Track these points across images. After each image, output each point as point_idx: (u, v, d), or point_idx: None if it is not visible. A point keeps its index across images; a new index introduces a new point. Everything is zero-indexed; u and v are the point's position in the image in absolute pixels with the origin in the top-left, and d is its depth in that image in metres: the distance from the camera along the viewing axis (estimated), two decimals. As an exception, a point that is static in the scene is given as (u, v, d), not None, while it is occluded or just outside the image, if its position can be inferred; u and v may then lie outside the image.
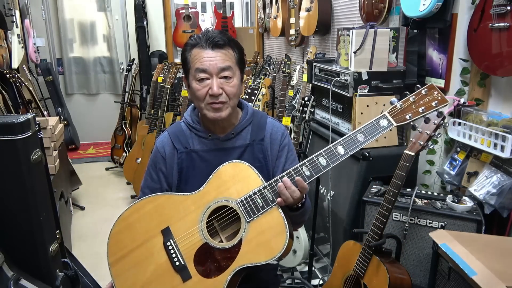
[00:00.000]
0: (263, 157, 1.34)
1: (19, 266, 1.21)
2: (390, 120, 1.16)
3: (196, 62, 1.23)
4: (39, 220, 1.23)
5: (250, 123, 1.36)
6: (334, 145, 1.14)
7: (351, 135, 1.14)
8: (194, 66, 1.23)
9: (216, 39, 1.22)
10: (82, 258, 1.94)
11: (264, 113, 1.44)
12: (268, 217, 1.14)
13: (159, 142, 1.39)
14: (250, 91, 2.55)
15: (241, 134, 1.35)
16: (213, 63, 1.21)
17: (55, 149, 2.72)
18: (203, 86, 1.23)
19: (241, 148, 1.33)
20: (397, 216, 1.80)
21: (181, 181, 1.35)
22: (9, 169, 1.16)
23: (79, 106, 5.44)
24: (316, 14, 3.14)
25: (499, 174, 1.67)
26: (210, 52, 1.22)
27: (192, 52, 1.25)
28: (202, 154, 1.33)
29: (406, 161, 1.47)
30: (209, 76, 1.22)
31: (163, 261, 1.19)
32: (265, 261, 1.12)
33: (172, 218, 1.23)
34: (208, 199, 1.21)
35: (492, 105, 1.84)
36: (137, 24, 4.80)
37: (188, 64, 1.26)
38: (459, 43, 1.93)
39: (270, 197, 1.15)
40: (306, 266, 2.47)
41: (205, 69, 1.21)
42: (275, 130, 1.38)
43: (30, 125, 1.18)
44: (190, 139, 1.35)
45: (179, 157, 1.34)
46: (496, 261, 1.29)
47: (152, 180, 1.39)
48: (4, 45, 3.58)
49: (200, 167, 1.33)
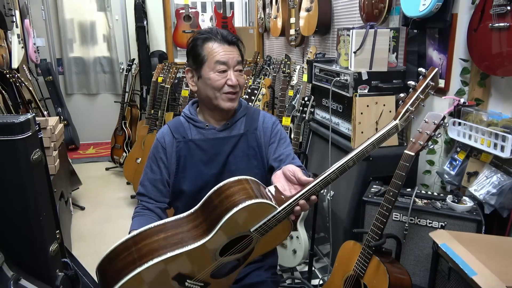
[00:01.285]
0: (257, 145, 1.43)
1: (19, 266, 1.22)
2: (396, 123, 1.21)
3: (216, 54, 1.32)
4: (39, 220, 1.23)
5: (244, 115, 1.46)
6: (347, 162, 1.12)
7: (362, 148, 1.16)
8: (214, 59, 1.32)
9: (230, 36, 1.35)
10: (82, 258, 1.95)
11: (257, 108, 1.54)
12: (278, 226, 1.12)
13: (159, 134, 1.47)
14: (250, 91, 2.55)
15: (236, 124, 1.44)
16: (231, 57, 1.34)
17: (55, 149, 2.72)
18: (223, 77, 1.33)
19: (236, 138, 1.42)
20: (397, 216, 1.80)
21: (179, 169, 1.41)
22: (9, 169, 1.16)
23: (79, 106, 5.44)
24: (316, 14, 3.14)
25: (499, 174, 1.67)
26: (227, 47, 1.34)
27: (208, 45, 1.34)
28: (199, 143, 1.41)
29: (406, 161, 1.47)
30: (227, 68, 1.33)
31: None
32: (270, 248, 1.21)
33: (183, 267, 1.10)
34: (222, 240, 1.10)
35: (492, 105, 1.84)
36: (137, 24, 4.80)
37: (203, 57, 1.34)
38: (459, 43, 1.93)
39: (283, 217, 1.10)
40: (306, 266, 2.47)
41: (226, 62, 1.32)
42: (266, 120, 1.48)
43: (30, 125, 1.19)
44: (188, 130, 1.43)
45: (178, 145, 1.41)
46: (496, 261, 1.29)
47: (152, 172, 1.44)
48: (4, 45, 3.58)
49: (197, 156, 1.40)
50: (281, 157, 1.41)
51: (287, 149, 1.44)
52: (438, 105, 2.11)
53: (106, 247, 1.09)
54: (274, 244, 1.23)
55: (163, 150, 1.43)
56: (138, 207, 1.44)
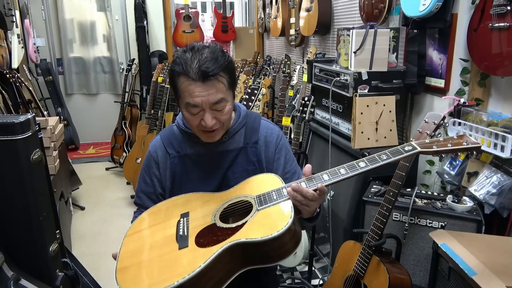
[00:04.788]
0: (257, 160, 1.32)
1: (19, 266, 1.22)
2: (414, 146, 1.13)
3: (187, 96, 1.15)
4: (39, 220, 1.23)
5: (243, 126, 1.34)
6: (357, 161, 1.14)
7: (375, 155, 1.13)
8: (185, 100, 1.17)
9: (207, 71, 1.12)
10: (82, 258, 1.95)
11: (258, 114, 1.41)
12: (278, 206, 1.14)
13: (152, 146, 1.37)
14: (250, 91, 2.55)
15: (234, 137, 1.32)
16: (205, 99, 1.14)
17: (55, 149, 2.72)
18: (196, 117, 1.19)
19: (235, 152, 1.31)
20: (397, 216, 1.80)
21: (174, 186, 1.33)
22: (9, 169, 1.16)
23: (79, 106, 5.44)
24: (316, 14, 3.14)
25: (499, 174, 1.67)
26: (200, 85, 1.13)
27: (181, 81, 1.16)
28: (195, 158, 1.31)
29: (406, 161, 1.47)
30: (201, 109, 1.17)
31: (170, 233, 1.21)
32: (261, 238, 1.05)
33: (194, 207, 1.26)
34: (230, 196, 1.25)
35: (492, 105, 1.84)
36: (137, 24, 4.80)
37: (177, 92, 1.19)
38: (459, 43, 1.93)
39: (286, 193, 1.14)
40: (306, 266, 2.47)
41: (197, 105, 1.15)
42: (269, 132, 1.35)
43: (30, 125, 1.19)
44: (182, 143, 1.33)
45: (172, 161, 1.32)
46: (496, 261, 1.29)
47: (146, 184, 1.38)
48: (4, 45, 3.58)
49: (193, 172, 1.31)
50: (287, 175, 1.34)
51: (292, 166, 1.37)
52: (438, 105, 2.11)
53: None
54: (265, 230, 1.08)
55: (156, 165, 1.35)
56: (137, 212, 1.44)
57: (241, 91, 3.08)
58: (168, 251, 1.16)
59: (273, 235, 1.05)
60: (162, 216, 1.28)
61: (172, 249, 1.16)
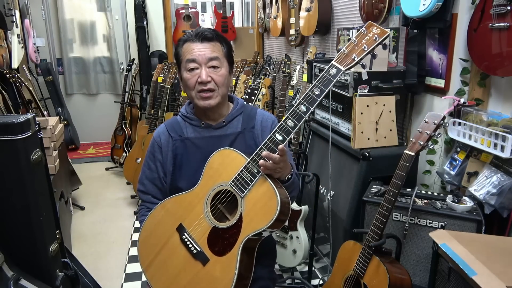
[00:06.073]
0: (254, 144, 1.41)
1: (19, 266, 1.22)
2: (338, 67, 1.20)
3: (187, 54, 1.34)
4: (39, 220, 1.23)
5: (241, 113, 1.46)
6: (297, 106, 1.20)
7: (308, 92, 1.20)
8: (185, 58, 1.34)
9: (205, 32, 1.34)
10: (82, 258, 1.95)
11: (255, 107, 1.53)
12: (257, 187, 1.22)
13: (156, 132, 1.48)
14: (250, 91, 2.55)
15: (233, 122, 1.43)
16: (201, 53, 1.32)
17: (55, 149, 2.72)
18: (193, 75, 1.33)
19: (233, 136, 1.42)
20: (397, 216, 1.80)
21: (175, 168, 1.42)
22: (9, 169, 1.16)
23: (79, 106, 5.44)
24: (316, 14, 3.14)
25: (499, 174, 1.67)
26: (199, 44, 1.33)
27: (184, 46, 1.36)
28: (195, 141, 1.42)
29: (406, 161, 1.47)
30: (198, 66, 1.33)
31: (183, 253, 1.30)
32: (266, 225, 1.17)
33: (182, 216, 1.33)
34: (207, 189, 1.30)
35: (492, 105, 1.84)
36: (137, 24, 4.80)
37: (180, 57, 1.37)
38: (459, 43, 1.93)
39: (255, 170, 1.22)
40: (306, 266, 2.47)
41: (195, 59, 1.32)
42: (265, 118, 1.47)
43: (30, 125, 1.19)
44: (184, 128, 1.44)
45: (174, 144, 1.42)
46: (496, 261, 1.29)
47: (150, 170, 1.46)
48: (4, 45, 3.58)
49: (193, 154, 1.41)
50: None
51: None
52: (438, 105, 2.11)
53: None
54: (264, 216, 1.19)
55: (159, 149, 1.45)
56: (142, 209, 1.46)
57: (241, 91, 3.08)
58: (196, 272, 1.27)
59: (274, 217, 1.16)
60: (161, 236, 1.35)
61: (198, 269, 1.27)
